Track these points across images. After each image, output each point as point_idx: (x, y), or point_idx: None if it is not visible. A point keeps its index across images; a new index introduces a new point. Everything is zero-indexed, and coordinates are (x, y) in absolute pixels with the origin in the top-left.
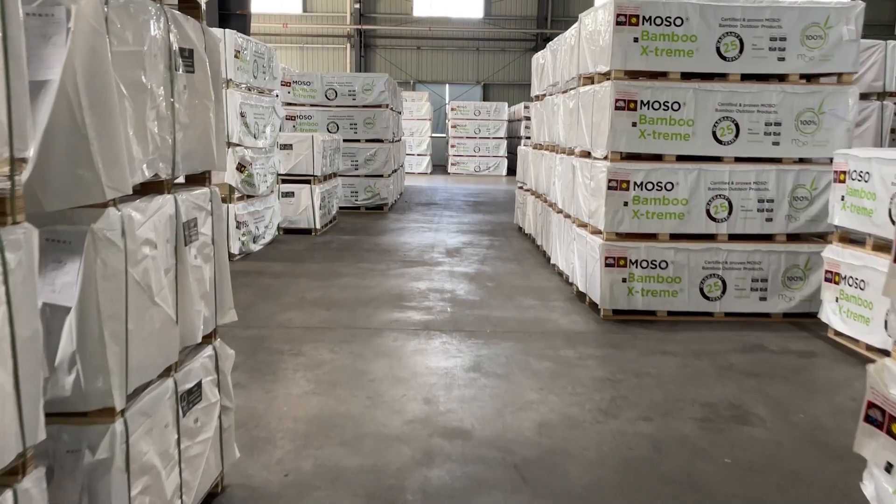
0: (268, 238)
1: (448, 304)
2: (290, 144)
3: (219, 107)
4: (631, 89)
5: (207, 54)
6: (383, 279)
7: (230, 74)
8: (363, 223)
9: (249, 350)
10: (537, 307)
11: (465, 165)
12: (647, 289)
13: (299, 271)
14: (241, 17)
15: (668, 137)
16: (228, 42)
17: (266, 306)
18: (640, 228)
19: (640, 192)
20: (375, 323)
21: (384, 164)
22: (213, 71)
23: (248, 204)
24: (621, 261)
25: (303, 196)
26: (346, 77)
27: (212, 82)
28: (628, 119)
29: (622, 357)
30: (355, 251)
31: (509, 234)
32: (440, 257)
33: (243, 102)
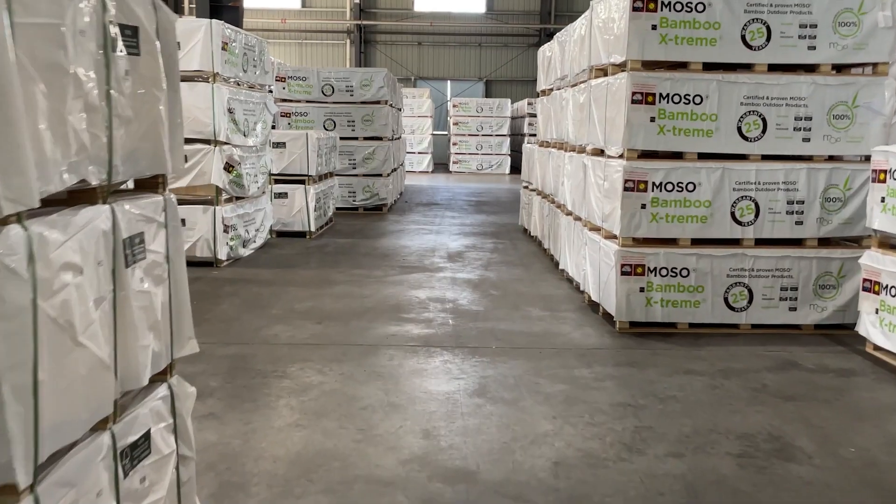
0: (259, 242)
1: (450, 316)
2: (283, 142)
3: (174, 98)
4: (649, 81)
5: (160, 35)
6: (380, 287)
7: (217, 68)
8: (361, 225)
9: (228, 372)
10: (547, 318)
11: (468, 164)
12: (666, 299)
13: (290, 278)
14: (234, 10)
15: (690, 134)
16: (215, 33)
17: (251, 319)
18: (659, 233)
19: (658, 193)
20: (370, 338)
21: (383, 163)
22: (168, 55)
23: (236, 206)
24: (638, 269)
25: (296, 197)
26: (343, 72)
27: (164, 68)
28: (646, 114)
29: (643, 377)
30: (351, 256)
31: (514, 236)
32: (441, 262)
33: (231, 98)
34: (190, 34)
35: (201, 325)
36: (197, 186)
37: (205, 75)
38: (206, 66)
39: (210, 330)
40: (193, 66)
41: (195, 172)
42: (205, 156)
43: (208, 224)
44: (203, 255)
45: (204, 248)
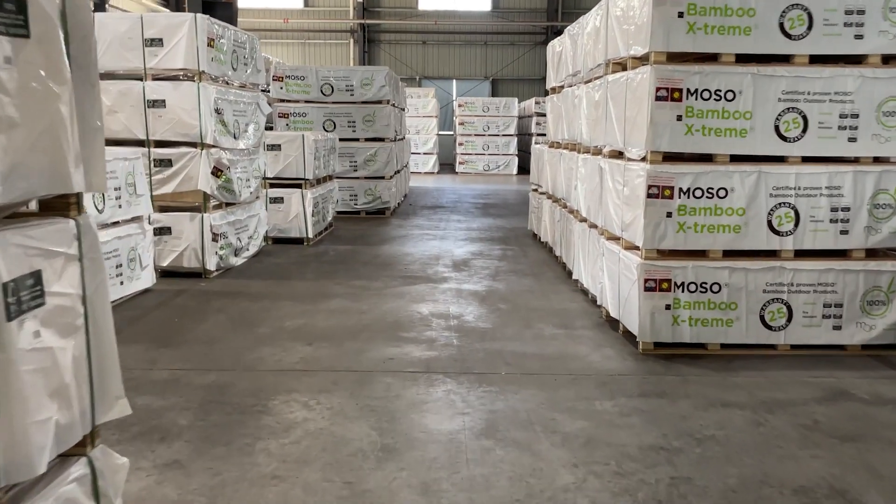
0: (252, 250)
1: (454, 335)
2: (278, 145)
3: (87, 96)
4: (675, 75)
5: (67, 13)
6: (379, 301)
7: (203, 66)
8: (362, 230)
9: (202, 406)
10: (561, 337)
11: (474, 164)
12: (695, 317)
13: (283, 291)
14: (227, 6)
15: (721, 133)
16: (200, 28)
17: (236, 340)
18: (687, 244)
19: (686, 200)
20: (365, 363)
21: (385, 165)
22: (79, 39)
23: (227, 213)
24: (664, 284)
25: (293, 202)
26: (343, 71)
27: (73, 57)
28: (672, 112)
29: (674, 411)
30: (350, 265)
31: (523, 241)
32: (446, 272)
33: (219, 98)
34: (173, 30)
35: (179, 348)
36: (183, 192)
37: (190, 74)
38: (191, 64)
39: (188, 354)
40: (177, 63)
41: (181, 177)
42: (191, 160)
43: (196, 232)
44: (191, 265)
45: (191, 258)
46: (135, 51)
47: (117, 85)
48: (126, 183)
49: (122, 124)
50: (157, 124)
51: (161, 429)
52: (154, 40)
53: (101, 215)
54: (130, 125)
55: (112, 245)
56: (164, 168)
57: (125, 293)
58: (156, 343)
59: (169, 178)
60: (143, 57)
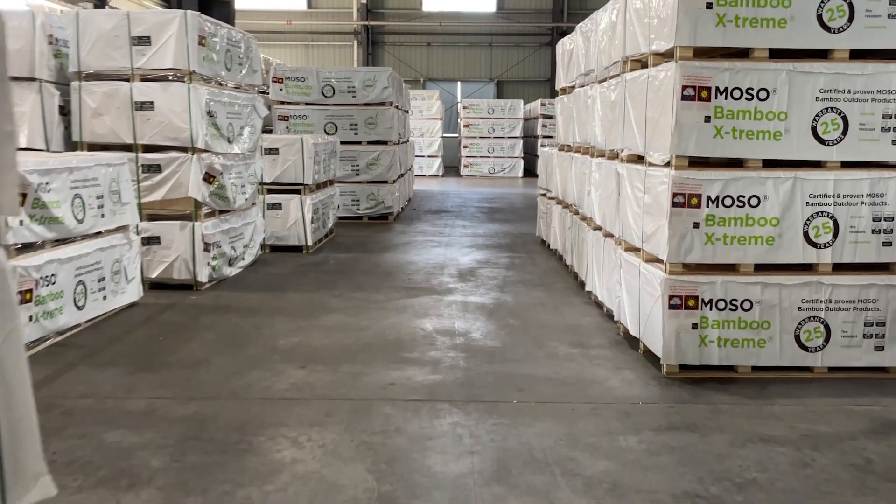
0: (248, 259)
1: (461, 355)
2: (276, 148)
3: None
4: (703, 72)
5: None
6: (380, 315)
7: (193, 66)
8: (364, 237)
9: (179, 444)
10: (577, 358)
11: (479, 167)
12: (725, 338)
13: (278, 305)
14: (225, 6)
15: (753, 136)
16: (191, 26)
17: (223, 362)
18: (716, 258)
19: (715, 209)
20: (362, 389)
21: (388, 169)
22: None
23: (220, 221)
24: (690, 301)
25: (291, 208)
26: (344, 72)
27: None
28: (699, 112)
29: (708, 448)
30: (350, 275)
31: (531, 249)
32: (451, 282)
33: (212, 99)
34: (162, 27)
35: (160, 372)
36: (173, 200)
37: (180, 74)
38: (181, 64)
39: (169, 379)
40: (166, 63)
41: (171, 184)
42: (181, 165)
43: (186, 242)
44: (181, 277)
45: (182, 270)
46: (121, 49)
47: (102, 86)
48: (110, 190)
49: (107, 127)
50: (144, 127)
51: (130, 472)
52: (141, 38)
53: (80, 225)
54: (116, 128)
55: (94, 257)
56: (152, 174)
57: (109, 308)
58: (136, 366)
59: (158, 184)
60: (131, 56)
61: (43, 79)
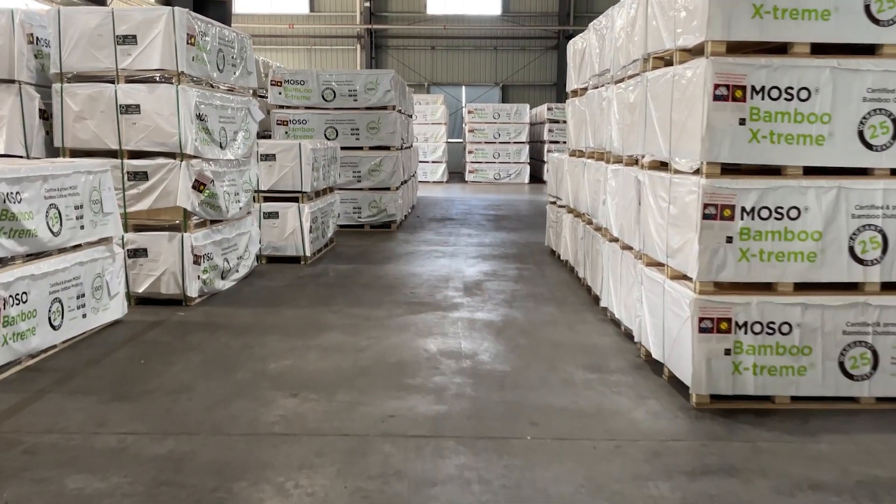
0: (242, 272)
1: (468, 381)
2: (273, 154)
3: None
4: (737, 70)
5: None
6: (381, 334)
7: (182, 66)
8: (365, 246)
9: (150, 492)
10: (595, 385)
11: (484, 173)
12: (761, 364)
13: (272, 322)
14: (221, 6)
15: (793, 141)
16: (179, 24)
17: (208, 389)
18: (751, 276)
19: (750, 221)
20: (359, 422)
21: (391, 176)
22: None
23: (211, 231)
24: (723, 324)
25: (289, 217)
26: (345, 74)
27: None
28: (733, 114)
29: (752, 497)
30: (350, 288)
31: (540, 259)
32: (457, 296)
33: (202, 102)
34: (148, 25)
35: (138, 401)
36: (160, 209)
37: (168, 75)
38: (169, 64)
39: (147, 410)
40: (153, 63)
41: (158, 193)
42: (169, 172)
43: (175, 255)
44: (169, 291)
45: (170, 284)
46: (105, 49)
47: (86, 88)
48: (90, 200)
49: (91, 132)
50: (130, 132)
51: None
52: (127, 37)
53: (56, 238)
54: (101, 133)
55: (72, 272)
56: (138, 182)
57: (89, 327)
58: (112, 393)
59: (144, 193)
60: (115, 56)
61: (23, 80)
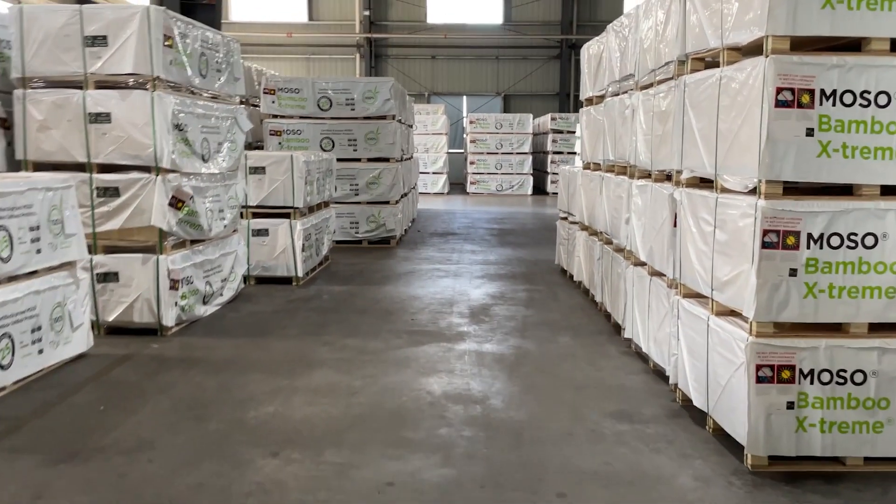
0: (227, 295)
1: (480, 434)
2: (262, 167)
3: None
4: (804, 70)
5: None
6: (378, 372)
7: (158, 70)
8: (363, 265)
9: None
10: (628, 438)
11: (486, 184)
12: (830, 420)
13: (255, 356)
14: (210, 8)
15: (869, 155)
16: (154, 24)
17: (172, 446)
18: (819, 316)
19: (818, 251)
20: (351, 493)
21: (390, 189)
22: None
23: (192, 252)
24: (785, 372)
25: (280, 234)
26: (342, 82)
27: None
28: (799, 123)
29: None
30: (344, 314)
31: (550, 279)
32: (462, 324)
33: (181, 110)
34: (120, 25)
35: (88, 463)
36: (133, 229)
37: (142, 80)
38: (143, 68)
39: (98, 474)
40: (126, 67)
41: (130, 210)
42: (143, 188)
43: (149, 279)
44: (143, 320)
45: (144, 312)
46: (73, 51)
47: (51, 94)
48: (49, 220)
49: (56, 144)
50: (100, 143)
51: None
52: (97, 38)
53: (6, 265)
54: (67, 145)
55: (26, 303)
56: (109, 198)
57: (47, 364)
58: (60, 451)
59: (115, 210)
60: (84, 59)
61: None
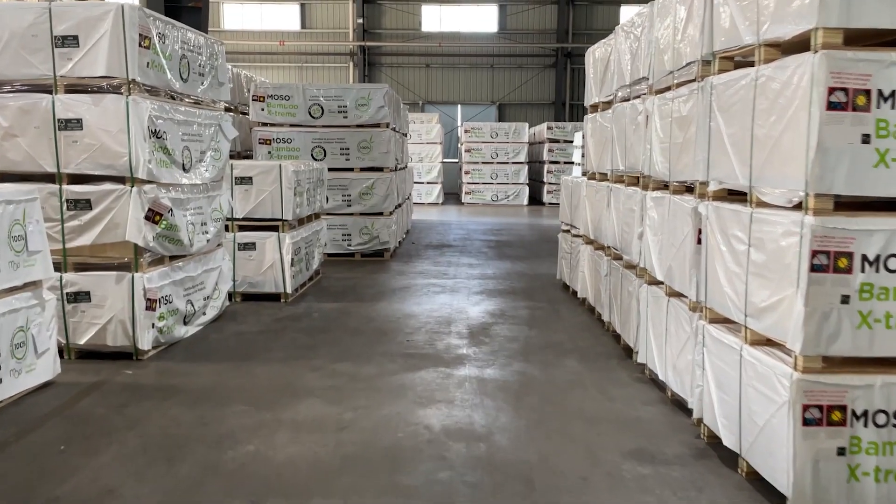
0: (210, 314)
1: (485, 479)
2: (249, 177)
3: None
4: (859, 68)
5: None
6: (370, 402)
7: (134, 73)
8: (355, 279)
9: None
10: (651, 484)
11: (481, 194)
12: (886, 468)
13: (237, 384)
14: (196, 11)
15: None
16: (129, 23)
17: (137, 497)
18: (874, 349)
19: (874, 275)
20: None
21: (384, 200)
22: None
23: (171, 269)
24: (835, 413)
25: (267, 248)
26: (334, 89)
27: None
28: (854, 128)
29: None
30: (335, 334)
31: (552, 295)
32: (461, 345)
33: (159, 116)
34: (92, 25)
35: None
36: (107, 245)
37: (116, 83)
38: (117, 71)
39: None
40: (98, 70)
41: (103, 225)
42: (116, 200)
43: (123, 299)
44: (117, 343)
45: (118, 334)
46: (41, 52)
47: (17, 99)
48: (10, 236)
49: (23, 152)
50: (71, 152)
51: None
52: (67, 38)
53: None
54: (35, 153)
55: None
56: (80, 211)
57: (6, 395)
58: (7, 502)
59: (87, 224)
60: (53, 61)
61: None
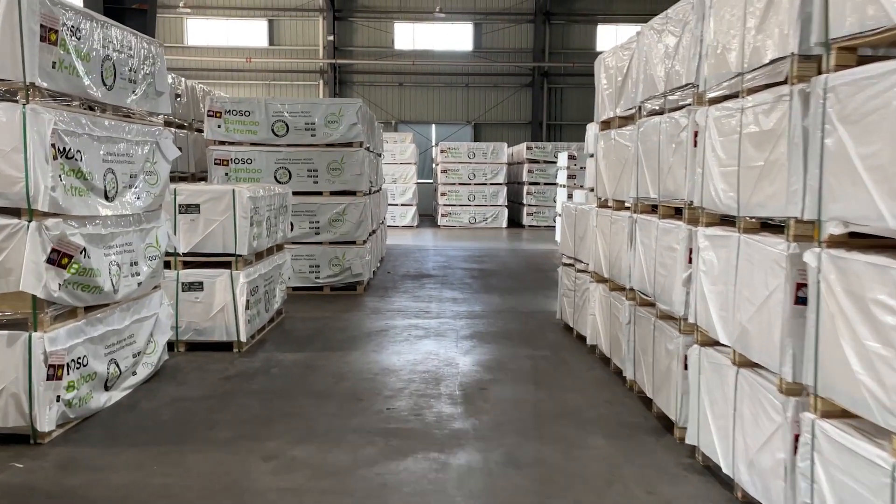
0: (143, 374)
1: None
2: (196, 205)
3: None
4: None
5: None
6: None
7: (33, 75)
8: (324, 320)
9: None
10: None
11: (458, 216)
12: None
13: (159, 485)
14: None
15: None
16: (27, 12)
17: None
18: None
19: None
20: None
21: (357, 227)
22: None
23: (86, 323)
24: None
25: (217, 289)
26: (301, 104)
27: None
28: None
29: None
30: (297, 401)
31: (554, 339)
32: (455, 416)
33: (69, 131)
34: None
35: None
36: None
37: (10, 89)
38: (11, 72)
39: None
40: None
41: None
42: (8, 239)
43: (17, 367)
44: (9, 424)
45: (9, 413)
46: None
47: None
48: None
49: None
50: None
51: None
52: None
53: None
54: None
55: None
56: None
57: None
58: None
59: None
60: None
61: None
